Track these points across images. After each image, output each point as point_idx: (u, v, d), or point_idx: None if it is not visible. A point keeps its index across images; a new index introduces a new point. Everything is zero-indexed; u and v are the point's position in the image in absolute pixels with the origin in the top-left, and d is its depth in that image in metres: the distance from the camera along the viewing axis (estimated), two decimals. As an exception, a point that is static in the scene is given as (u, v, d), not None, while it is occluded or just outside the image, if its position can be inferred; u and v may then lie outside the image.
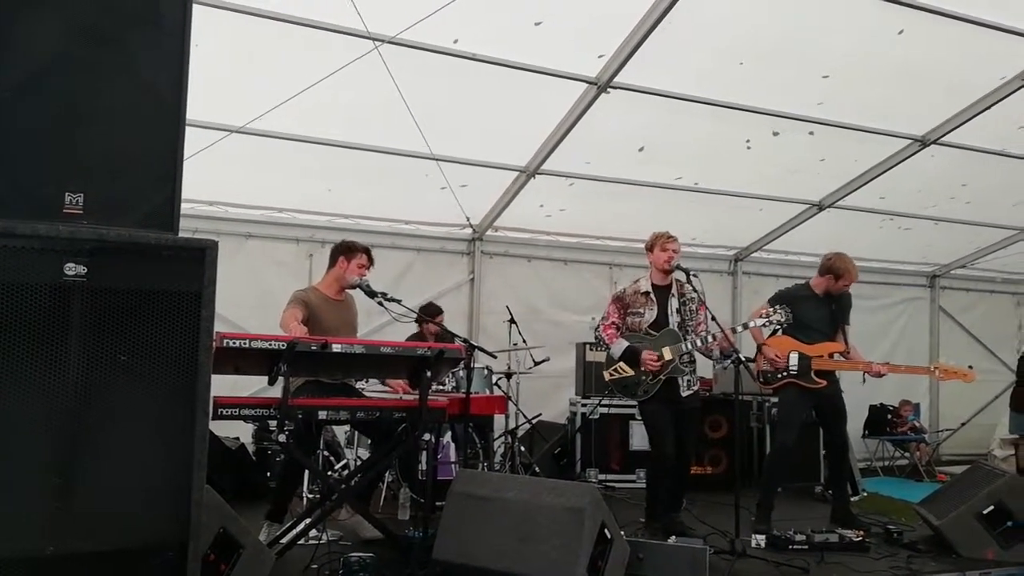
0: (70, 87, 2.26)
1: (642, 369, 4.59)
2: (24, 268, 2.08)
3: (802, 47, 4.91)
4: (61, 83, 2.25)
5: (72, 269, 2.14)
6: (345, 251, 4.52)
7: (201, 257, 2.30)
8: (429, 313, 5.80)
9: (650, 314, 4.70)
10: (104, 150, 2.29)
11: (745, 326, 4.84)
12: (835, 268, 5.00)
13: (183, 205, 2.44)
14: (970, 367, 5.06)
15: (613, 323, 4.77)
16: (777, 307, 4.74)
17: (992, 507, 4.39)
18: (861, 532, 4.57)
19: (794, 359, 4.92)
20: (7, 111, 2.19)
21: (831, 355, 4.98)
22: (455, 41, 4.62)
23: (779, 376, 4.97)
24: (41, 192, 2.21)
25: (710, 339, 4.61)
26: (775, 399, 5.67)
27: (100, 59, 2.30)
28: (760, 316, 4.75)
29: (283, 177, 6.00)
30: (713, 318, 4.60)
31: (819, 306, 5.04)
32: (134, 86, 2.34)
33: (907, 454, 8.16)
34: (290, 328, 3.99)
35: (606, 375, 4.80)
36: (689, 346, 4.60)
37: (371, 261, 4.58)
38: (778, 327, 4.82)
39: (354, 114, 5.22)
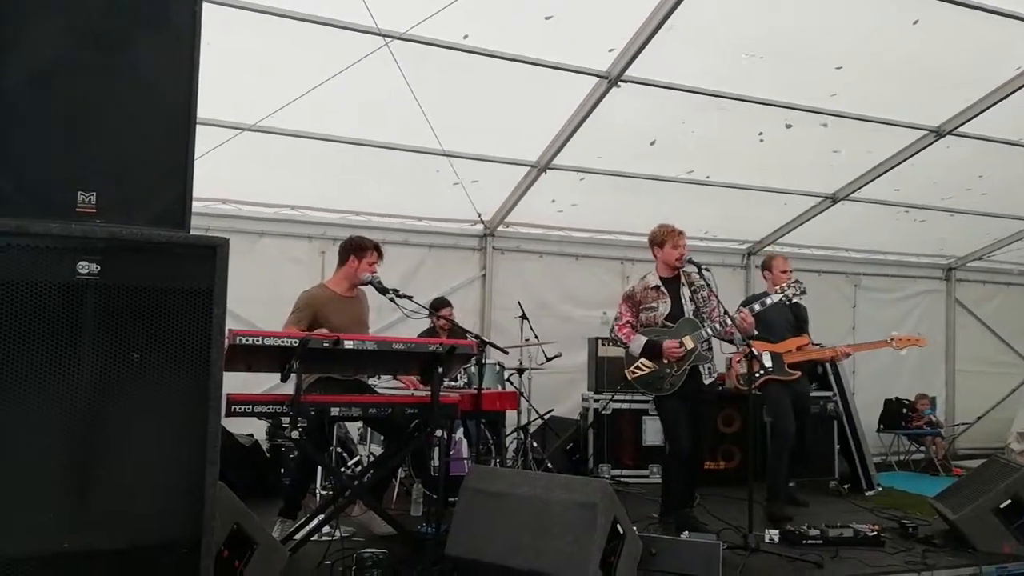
0: (80, 87, 2.28)
1: (665, 361, 4.56)
2: (38, 267, 2.10)
3: (815, 38, 4.86)
4: (71, 84, 2.27)
5: (85, 267, 2.15)
6: (356, 250, 4.51)
7: (212, 255, 2.31)
8: (436, 306, 5.79)
9: (664, 307, 4.66)
10: (115, 149, 2.31)
11: (763, 304, 4.85)
12: (764, 264, 5.65)
13: (196, 203, 2.45)
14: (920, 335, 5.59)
15: (627, 322, 4.72)
16: (790, 282, 4.95)
17: (1009, 501, 4.35)
18: (876, 527, 4.55)
19: (767, 359, 5.26)
20: (19, 112, 2.21)
21: (797, 348, 5.40)
22: (465, 37, 4.61)
23: (757, 376, 5.13)
24: (53, 191, 2.24)
25: (728, 322, 4.56)
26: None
27: (110, 59, 2.32)
28: (776, 291, 4.90)
29: (295, 175, 6.02)
30: (726, 312, 4.59)
31: (781, 309, 5.30)
32: (144, 86, 2.36)
33: (923, 448, 8.10)
34: None
35: (628, 374, 4.71)
36: (709, 332, 4.57)
37: (381, 256, 4.58)
38: (793, 299, 4.94)
39: (365, 111, 5.23)
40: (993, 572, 4.12)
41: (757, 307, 4.85)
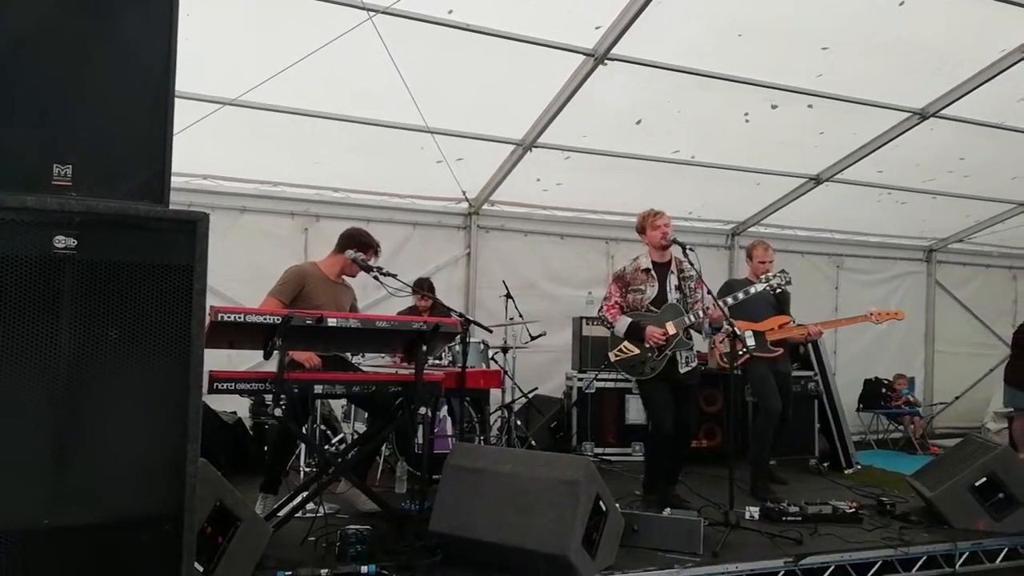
0: (56, 59, 2.23)
1: (647, 346, 4.58)
2: (13, 241, 2.06)
3: (801, 18, 4.84)
4: (47, 55, 2.22)
5: (62, 242, 2.12)
6: (359, 245, 4.45)
7: (192, 230, 2.28)
8: (423, 288, 5.77)
9: (651, 291, 4.68)
10: (92, 122, 2.27)
11: (747, 292, 4.88)
12: (748, 250, 5.70)
13: (177, 179, 2.42)
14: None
15: (616, 302, 4.73)
16: (776, 272, 4.97)
17: (984, 479, 4.44)
18: (854, 504, 4.62)
19: (750, 338, 5.32)
20: (-8, 81, 2.16)
21: (779, 327, 5.46)
22: (450, 12, 4.55)
23: (740, 354, 5.17)
24: (28, 163, 2.19)
25: (701, 314, 4.61)
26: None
27: (87, 30, 2.26)
28: (761, 279, 4.95)
29: (278, 150, 5.95)
30: (709, 292, 4.62)
31: (763, 292, 5.22)
32: (122, 58, 2.31)
33: (901, 427, 8.22)
34: None
35: (611, 356, 4.74)
36: (693, 319, 4.60)
37: (378, 257, 4.56)
38: (778, 290, 4.97)
39: (348, 86, 5.16)
40: (968, 548, 4.21)
41: (741, 295, 4.90)
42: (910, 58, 5.28)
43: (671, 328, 4.56)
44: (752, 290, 4.92)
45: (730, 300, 4.83)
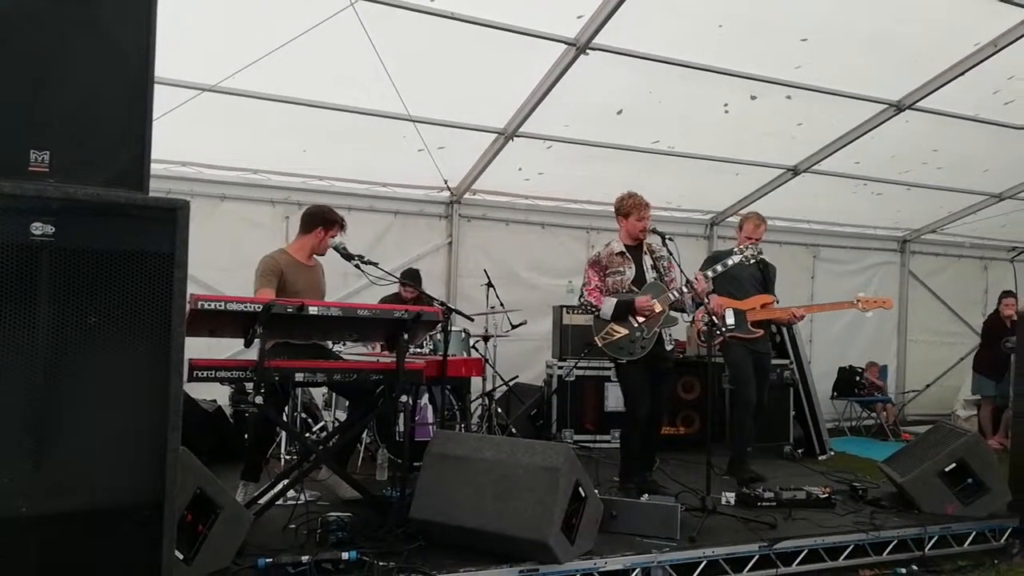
0: (34, 44, 2.21)
1: (635, 324, 4.62)
2: (-10, 227, 2.05)
3: (781, 10, 4.88)
4: (24, 40, 2.19)
5: (39, 228, 2.11)
6: (324, 223, 4.46)
7: (172, 217, 2.27)
8: (410, 278, 5.76)
9: (630, 272, 4.74)
10: (70, 108, 2.25)
11: (725, 265, 4.98)
12: (739, 222, 5.66)
13: (156, 166, 2.41)
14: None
15: (596, 286, 4.77)
16: (747, 244, 5.05)
17: (954, 465, 4.53)
18: (827, 489, 4.71)
19: (730, 316, 5.26)
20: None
21: (762, 306, 5.42)
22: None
23: (717, 332, 5.08)
24: (4, 149, 2.17)
25: (684, 290, 4.65)
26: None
27: (66, 15, 2.25)
28: (736, 251, 5.02)
29: (258, 137, 5.90)
30: (683, 272, 4.68)
31: (749, 267, 5.29)
32: (100, 43, 2.29)
33: (874, 414, 8.37)
34: None
35: (597, 340, 4.71)
36: (676, 295, 4.64)
37: (344, 231, 4.55)
38: (752, 260, 5.03)
39: (330, 73, 5.13)
40: (937, 532, 4.31)
41: (719, 268, 4.97)
42: (887, 50, 5.34)
43: (658, 305, 4.61)
44: (730, 262, 4.96)
45: (710, 273, 4.89)
